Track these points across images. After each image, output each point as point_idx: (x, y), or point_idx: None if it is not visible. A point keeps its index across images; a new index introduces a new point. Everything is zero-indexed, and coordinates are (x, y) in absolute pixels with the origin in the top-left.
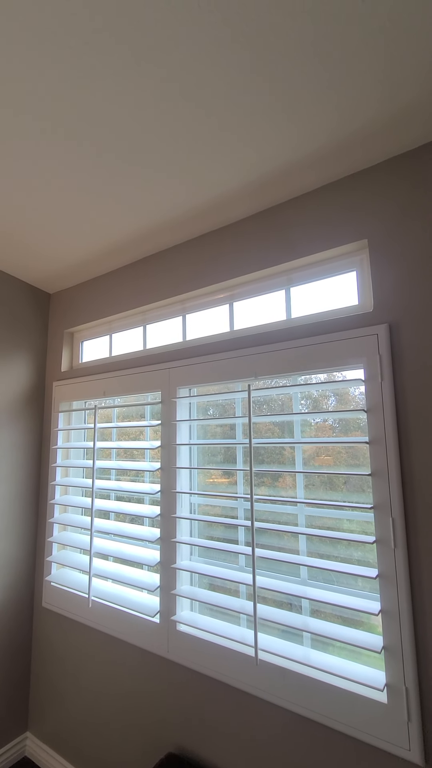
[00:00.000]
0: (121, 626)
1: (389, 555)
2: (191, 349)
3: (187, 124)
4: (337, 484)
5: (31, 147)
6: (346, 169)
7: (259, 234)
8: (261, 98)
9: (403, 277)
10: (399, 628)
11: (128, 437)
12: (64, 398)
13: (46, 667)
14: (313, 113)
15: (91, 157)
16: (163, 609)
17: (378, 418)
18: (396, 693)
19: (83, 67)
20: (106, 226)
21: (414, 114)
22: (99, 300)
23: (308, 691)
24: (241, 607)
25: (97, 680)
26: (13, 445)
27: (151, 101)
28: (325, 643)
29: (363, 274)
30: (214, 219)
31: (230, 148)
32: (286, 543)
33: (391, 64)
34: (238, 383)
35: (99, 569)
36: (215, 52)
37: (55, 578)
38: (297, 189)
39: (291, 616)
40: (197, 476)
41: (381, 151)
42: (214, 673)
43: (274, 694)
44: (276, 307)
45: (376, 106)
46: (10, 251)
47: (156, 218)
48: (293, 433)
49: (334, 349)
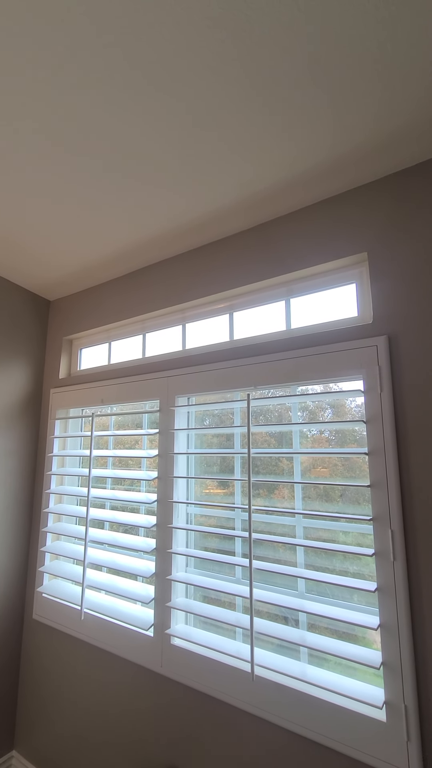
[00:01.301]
0: (114, 640)
1: (388, 568)
2: (190, 358)
3: (187, 140)
4: (333, 496)
5: (35, 159)
6: (344, 185)
7: (258, 246)
8: (260, 117)
9: (402, 290)
10: (398, 644)
11: (124, 446)
12: (61, 405)
13: (35, 683)
14: (311, 132)
15: (93, 169)
16: (158, 622)
17: (377, 429)
18: (395, 711)
19: (87, 83)
20: (107, 236)
21: (410, 134)
22: (99, 308)
23: (305, 708)
24: (237, 620)
25: (88, 696)
26: (7, 452)
27: (153, 117)
28: (321, 658)
29: (362, 286)
30: (212, 231)
31: (229, 164)
32: (281, 555)
33: (387, 87)
34: (237, 393)
35: (92, 580)
36: (218, 71)
37: (46, 589)
38: (297, 203)
39: (288, 631)
40: (194, 486)
41: (378, 169)
42: (209, 689)
43: (271, 712)
44: (276, 317)
45: (372, 125)
46: (11, 258)
47: (155, 229)
48: (290, 444)
49: (333, 360)
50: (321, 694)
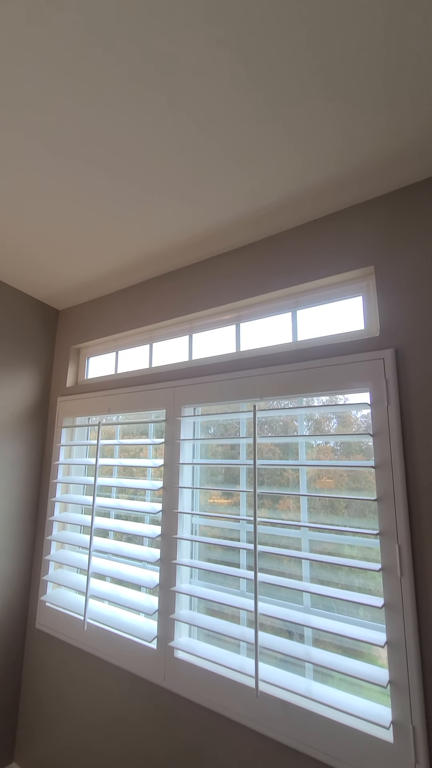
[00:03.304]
0: (117, 651)
1: (395, 583)
2: (197, 369)
3: (198, 155)
4: (338, 508)
5: (47, 170)
6: (351, 200)
7: (264, 258)
8: (269, 132)
9: (409, 304)
10: (405, 661)
11: (128, 454)
12: (68, 414)
13: (36, 693)
14: (319, 148)
15: (104, 182)
16: (161, 634)
17: (384, 442)
18: (403, 732)
19: (102, 99)
20: (116, 248)
21: (416, 150)
22: (107, 318)
23: (310, 726)
24: (242, 634)
25: (89, 708)
26: (14, 459)
27: (165, 131)
28: (325, 674)
29: (369, 299)
30: (220, 243)
31: (238, 178)
32: (286, 567)
33: (394, 105)
34: (243, 404)
35: (96, 590)
36: (230, 89)
37: (50, 598)
38: (303, 217)
39: (293, 646)
40: (198, 496)
41: (385, 184)
42: (212, 704)
43: (275, 729)
44: (282, 329)
45: (379, 142)
46: (22, 268)
47: (164, 241)
48: (295, 455)
49: (340, 372)
50: (326, 713)
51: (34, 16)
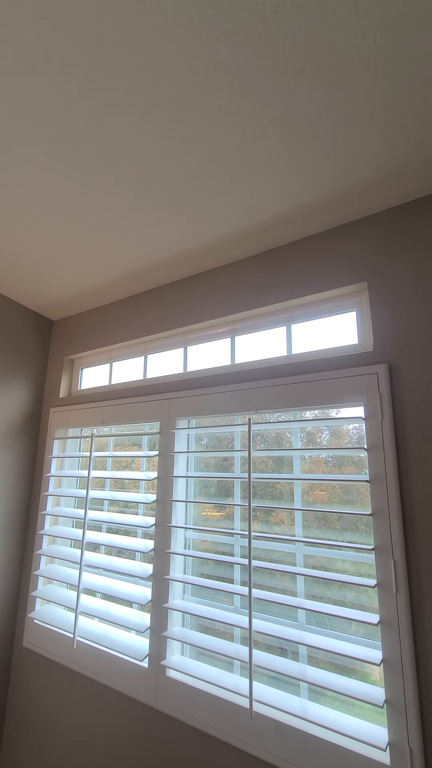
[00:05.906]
0: (107, 670)
1: (391, 600)
2: (192, 381)
3: (199, 172)
4: (331, 521)
5: (43, 182)
6: (345, 217)
7: (260, 273)
8: (269, 150)
9: (402, 320)
10: (402, 681)
11: (121, 466)
12: (61, 425)
13: (22, 715)
14: (315, 167)
15: (101, 194)
16: (153, 652)
17: (378, 456)
18: (399, 754)
19: (105, 115)
20: (112, 260)
21: (410, 170)
22: (101, 329)
23: (305, 748)
24: (236, 652)
25: (77, 730)
26: (5, 471)
27: (167, 146)
28: (319, 692)
29: (363, 314)
30: (216, 257)
31: (236, 194)
32: (279, 582)
33: (390, 126)
34: (238, 417)
35: (86, 607)
36: (233, 111)
37: (38, 615)
38: (299, 233)
39: (288, 664)
40: (192, 509)
41: (380, 202)
42: (206, 726)
43: (270, 752)
44: (277, 342)
45: (374, 162)
46: (16, 279)
47: (160, 254)
48: (288, 467)
49: (334, 386)
50: (322, 734)
51: (40, 36)
